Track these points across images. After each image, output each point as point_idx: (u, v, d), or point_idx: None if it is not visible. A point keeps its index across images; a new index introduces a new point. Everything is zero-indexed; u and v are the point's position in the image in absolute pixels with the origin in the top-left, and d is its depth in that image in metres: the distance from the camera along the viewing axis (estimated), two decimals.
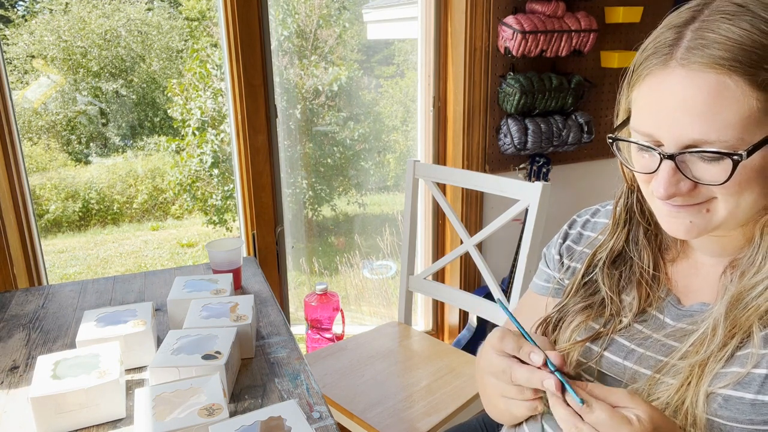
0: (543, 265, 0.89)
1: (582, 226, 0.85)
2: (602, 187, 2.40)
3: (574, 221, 0.87)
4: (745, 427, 0.59)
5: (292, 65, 2.32)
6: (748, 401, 0.58)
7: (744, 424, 0.59)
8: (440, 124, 2.14)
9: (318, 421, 0.85)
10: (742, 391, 0.59)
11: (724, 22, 0.56)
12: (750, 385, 0.59)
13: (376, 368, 1.52)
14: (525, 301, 0.93)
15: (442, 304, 2.34)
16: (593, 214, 0.86)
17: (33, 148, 4.23)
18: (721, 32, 0.56)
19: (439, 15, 2.03)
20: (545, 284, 0.87)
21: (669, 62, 0.58)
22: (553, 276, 0.85)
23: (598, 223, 0.83)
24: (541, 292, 0.88)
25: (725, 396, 0.60)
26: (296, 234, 2.33)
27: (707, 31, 0.57)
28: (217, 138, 3.50)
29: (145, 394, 0.81)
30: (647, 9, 2.11)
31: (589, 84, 2.14)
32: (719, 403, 0.60)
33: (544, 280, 0.88)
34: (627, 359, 0.70)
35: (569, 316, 0.76)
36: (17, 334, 1.12)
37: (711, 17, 0.58)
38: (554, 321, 0.78)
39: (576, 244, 0.84)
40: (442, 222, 2.23)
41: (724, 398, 0.60)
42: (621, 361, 0.70)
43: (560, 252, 0.85)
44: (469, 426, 1.11)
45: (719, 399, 0.60)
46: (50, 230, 4.28)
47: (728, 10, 0.57)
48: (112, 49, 4.35)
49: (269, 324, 1.15)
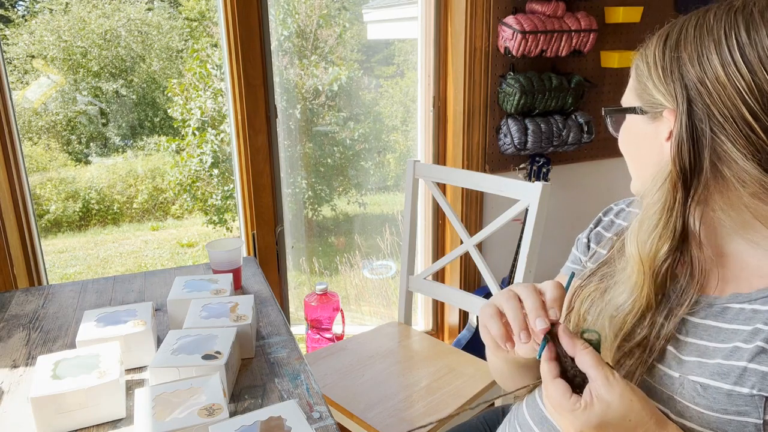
0: (574, 248, 0.92)
1: (616, 215, 0.87)
2: (602, 187, 2.40)
3: (609, 209, 0.89)
4: (718, 416, 0.60)
5: (292, 65, 2.32)
6: (724, 391, 0.60)
7: (718, 413, 0.60)
8: (440, 124, 2.14)
9: (318, 421, 0.85)
10: (720, 381, 0.60)
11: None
12: (728, 376, 0.60)
13: (376, 368, 1.52)
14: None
15: (442, 304, 2.34)
16: (629, 203, 0.87)
17: (33, 148, 4.23)
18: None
19: (439, 15, 2.03)
20: (573, 266, 0.90)
21: None
22: (579, 257, 0.88)
23: (632, 213, 0.85)
24: (568, 274, 0.90)
25: (704, 384, 0.61)
26: (296, 234, 2.33)
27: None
28: (217, 138, 3.51)
29: (145, 394, 0.81)
30: (647, 9, 2.11)
31: (589, 84, 2.14)
32: (698, 392, 0.62)
33: (572, 262, 0.91)
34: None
35: (594, 281, 0.78)
36: (17, 334, 1.12)
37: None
38: (582, 287, 0.79)
39: (606, 231, 0.86)
40: (442, 222, 2.23)
41: (703, 386, 0.61)
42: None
43: (589, 237, 0.88)
44: (469, 426, 1.11)
45: (698, 387, 0.62)
46: (50, 230, 4.28)
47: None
48: (112, 49, 4.36)
49: (269, 324, 1.15)
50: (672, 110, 0.64)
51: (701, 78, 0.61)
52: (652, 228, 0.65)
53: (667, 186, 0.64)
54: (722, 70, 0.60)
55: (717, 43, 0.61)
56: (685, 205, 0.64)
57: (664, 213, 0.64)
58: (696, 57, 0.62)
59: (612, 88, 2.30)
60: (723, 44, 0.60)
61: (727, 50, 0.60)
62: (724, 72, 0.60)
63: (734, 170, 0.61)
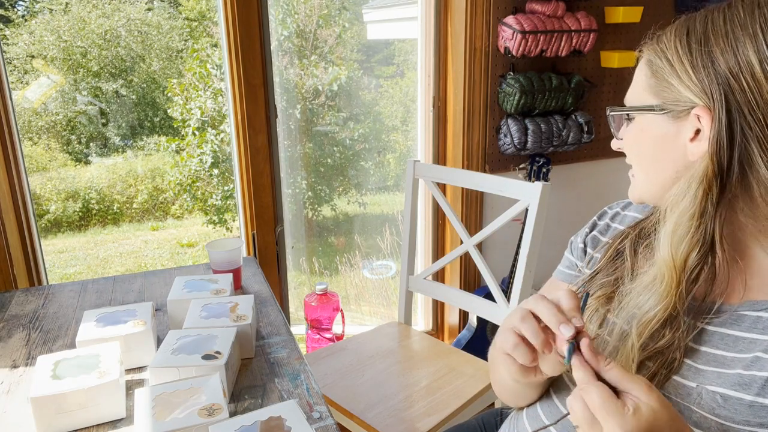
0: (568, 252, 0.89)
1: (611, 218, 0.85)
2: (602, 187, 2.40)
3: (604, 212, 0.87)
4: (740, 428, 0.59)
5: (291, 65, 2.32)
6: (746, 402, 0.58)
7: (740, 425, 0.59)
8: (440, 124, 2.14)
9: (318, 421, 0.85)
10: (742, 392, 0.59)
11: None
12: (750, 386, 0.59)
13: (376, 368, 1.52)
14: (548, 288, 0.93)
15: (442, 304, 2.34)
16: (624, 207, 0.85)
17: (33, 148, 4.23)
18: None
19: (439, 15, 2.03)
20: (568, 271, 0.88)
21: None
22: (575, 263, 0.86)
23: (627, 216, 0.83)
24: (564, 279, 0.88)
25: (725, 395, 0.60)
26: (296, 234, 2.33)
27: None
28: (217, 138, 3.51)
29: (145, 394, 0.81)
30: (647, 9, 2.11)
31: (589, 84, 2.14)
32: (718, 402, 0.60)
33: (566, 267, 0.89)
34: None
35: (592, 288, 0.76)
36: (17, 334, 1.12)
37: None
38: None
39: (602, 235, 0.84)
40: (442, 222, 2.23)
41: (723, 397, 0.60)
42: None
43: (585, 241, 0.85)
44: (469, 426, 1.11)
45: (718, 398, 0.60)
46: (50, 230, 4.28)
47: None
48: (112, 49, 4.35)
49: (269, 324, 1.15)
50: (703, 108, 0.61)
51: (736, 73, 0.58)
52: (684, 233, 0.62)
53: (700, 189, 0.61)
54: (759, 67, 0.57)
55: (753, 38, 0.58)
56: (718, 208, 0.61)
57: (696, 217, 0.61)
58: (731, 52, 0.59)
59: (612, 88, 2.30)
60: (760, 38, 0.58)
61: (765, 45, 0.58)
62: (761, 68, 0.57)
63: (761, 173, 0.59)
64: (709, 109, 0.60)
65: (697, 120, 0.62)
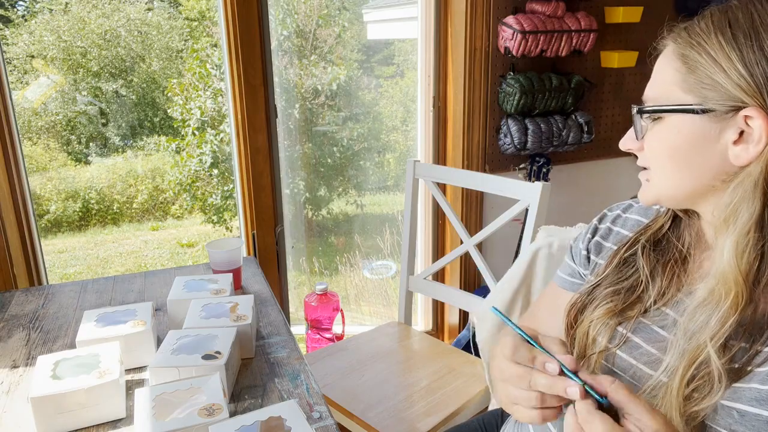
0: (569, 258, 0.86)
1: (612, 222, 0.82)
2: (602, 187, 2.40)
3: (604, 215, 0.84)
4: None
5: (291, 65, 2.32)
6: (764, 419, 0.56)
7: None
8: (440, 124, 2.14)
9: (318, 421, 0.85)
10: (759, 408, 0.57)
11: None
12: (767, 402, 0.57)
13: (376, 368, 1.52)
14: (546, 294, 0.91)
15: (442, 304, 2.34)
16: (625, 209, 0.82)
17: (33, 148, 4.23)
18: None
19: (439, 15, 2.03)
20: (569, 278, 0.85)
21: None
22: (578, 271, 0.83)
23: (629, 219, 0.80)
24: (564, 286, 0.86)
25: (741, 411, 0.58)
26: (296, 234, 2.33)
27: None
28: (216, 138, 3.50)
29: (145, 394, 0.81)
30: (647, 9, 2.11)
31: (589, 84, 2.14)
32: (735, 419, 0.58)
33: (568, 274, 0.86)
34: (650, 344, 0.67)
35: (597, 299, 0.73)
36: (17, 334, 1.12)
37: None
38: (581, 304, 0.75)
39: (605, 240, 0.81)
40: (442, 222, 2.23)
41: (740, 413, 0.58)
42: (645, 345, 0.68)
43: (588, 248, 0.82)
44: (469, 426, 1.11)
45: (735, 414, 0.58)
46: (50, 230, 4.28)
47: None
48: (112, 49, 4.35)
49: (269, 324, 1.15)
50: (756, 108, 0.57)
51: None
52: (745, 245, 0.58)
53: (758, 194, 0.57)
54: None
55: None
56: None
57: (756, 226, 0.58)
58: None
59: (612, 88, 2.30)
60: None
61: None
62: None
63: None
64: (763, 110, 0.56)
65: (744, 121, 0.58)
